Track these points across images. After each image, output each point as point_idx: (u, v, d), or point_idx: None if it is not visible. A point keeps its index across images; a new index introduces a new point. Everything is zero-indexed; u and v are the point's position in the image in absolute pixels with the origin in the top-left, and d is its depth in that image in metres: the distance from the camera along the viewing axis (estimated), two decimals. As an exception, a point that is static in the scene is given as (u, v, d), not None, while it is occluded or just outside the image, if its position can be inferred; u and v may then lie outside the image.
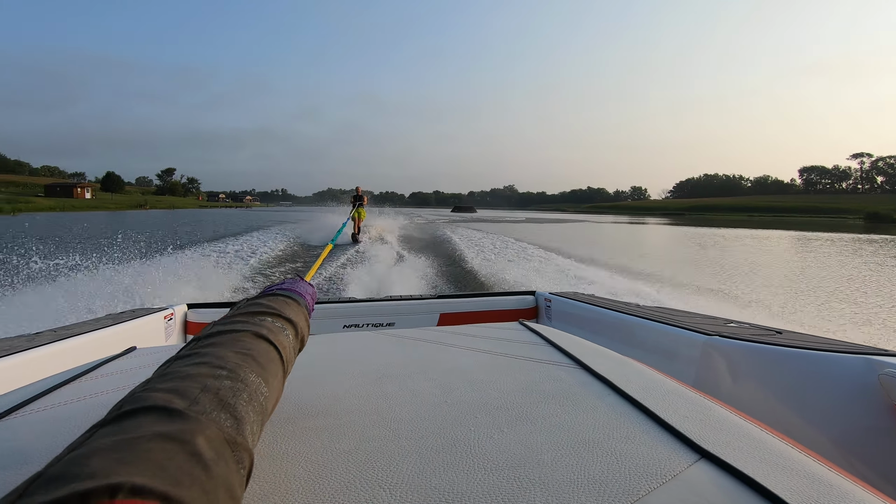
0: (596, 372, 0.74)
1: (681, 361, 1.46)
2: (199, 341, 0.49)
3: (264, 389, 0.45)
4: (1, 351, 1.23)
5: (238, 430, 0.36)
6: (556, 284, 7.51)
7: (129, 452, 0.27)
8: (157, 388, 0.36)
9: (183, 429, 0.31)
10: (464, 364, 0.82)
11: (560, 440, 0.52)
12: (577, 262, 10.96)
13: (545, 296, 2.54)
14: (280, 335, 0.56)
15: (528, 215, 78.33)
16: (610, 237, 25.30)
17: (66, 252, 7.01)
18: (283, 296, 0.67)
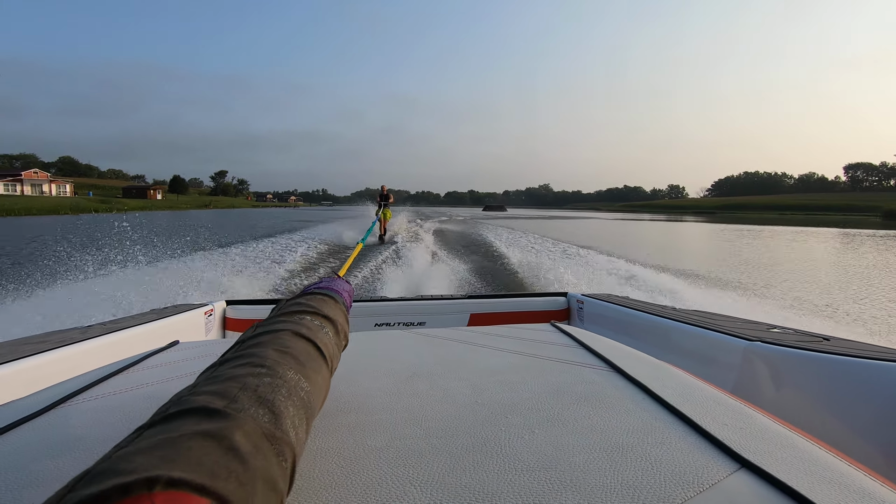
0: (630, 375, 0.73)
1: (719, 367, 1.41)
2: (242, 344, 0.50)
3: (305, 385, 0.46)
4: (57, 342, 1.35)
5: (277, 425, 0.37)
6: (582, 283, 7.41)
7: (169, 449, 0.29)
8: (201, 391, 0.38)
9: (221, 426, 0.33)
10: (495, 364, 0.82)
11: (592, 443, 0.51)
12: (580, 249, 11.50)
13: (577, 297, 2.49)
14: (319, 332, 0.57)
15: (555, 213, 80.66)
16: (619, 233, 26.59)
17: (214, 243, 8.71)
18: (321, 294, 0.69)
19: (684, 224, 41.35)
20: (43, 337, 1.48)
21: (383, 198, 14.17)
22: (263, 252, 10.72)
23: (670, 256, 12.95)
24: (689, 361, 1.54)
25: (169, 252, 8.21)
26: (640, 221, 46.63)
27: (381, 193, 14.34)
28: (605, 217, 63.13)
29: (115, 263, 6.52)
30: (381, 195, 14.30)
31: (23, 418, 0.58)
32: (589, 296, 2.43)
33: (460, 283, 7.43)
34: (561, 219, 49.72)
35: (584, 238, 18.80)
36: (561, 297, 2.59)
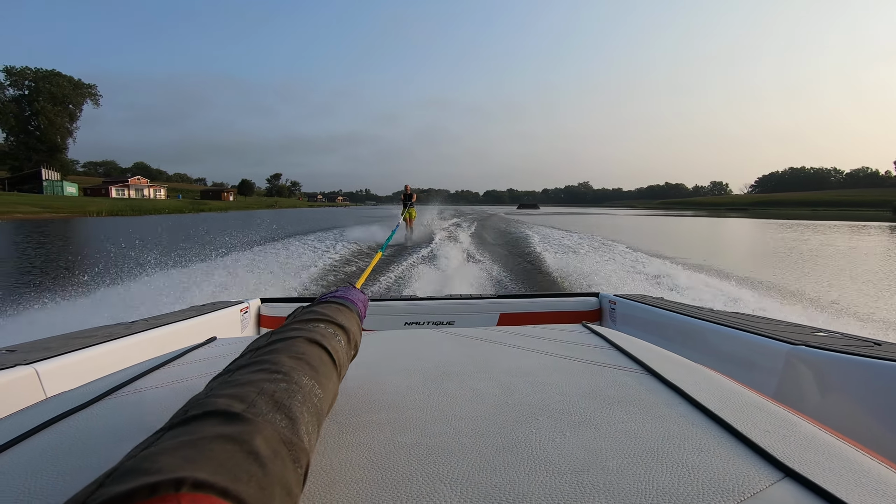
0: (665, 378, 0.71)
1: (760, 372, 1.35)
2: (258, 350, 0.51)
3: (318, 391, 0.46)
4: (104, 336, 1.43)
5: (293, 431, 0.38)
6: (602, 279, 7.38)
7: (193, 451, 0.30)
8: (220, 394, 0.39)
9: (242, 430, 0.34)
10: (525, 365, 0.81)
11: (626, 447, 0.50)
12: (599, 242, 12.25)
13: (609, 297, 2.45)
14: (332, 340, 0.58)
15: (583, 210, 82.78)
16: (624, 226, 28.43)
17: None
18: (336, 303, 0.70)
19: (706, 220, 43.57)
20: (92, 331, 1.62)
21: (407, 197, 14.01)
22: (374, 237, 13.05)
23: (661, 247, 13.78)
24: (726, 365, 1.48)
25: (296, 238, 10.64)
26: (664, 217, 49.70)
27: (405, 193, 14.22)
28: (627, 213, 66.16)
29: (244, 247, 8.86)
30: (405, 195, 14.16)
31: (71, 409, 0.60)
32: (621, 296, 2.39)
33: (492, 280, 7.41)
34: (583, 215, 54.25)
35: (580, 227, 23.45)
36: (592, 297, 2.56)
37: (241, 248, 9.56)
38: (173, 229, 20.16)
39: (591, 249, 11.43)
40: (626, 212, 78.78)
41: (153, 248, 9.04)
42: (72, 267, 8.90)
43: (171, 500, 0.25)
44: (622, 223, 34.13)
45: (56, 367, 1.15)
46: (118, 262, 7.21)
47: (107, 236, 17.33)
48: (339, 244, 11.76)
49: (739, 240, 18.73)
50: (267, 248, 10.22)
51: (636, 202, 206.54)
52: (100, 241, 15.11)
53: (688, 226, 32.35)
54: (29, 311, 4.94)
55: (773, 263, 11.20)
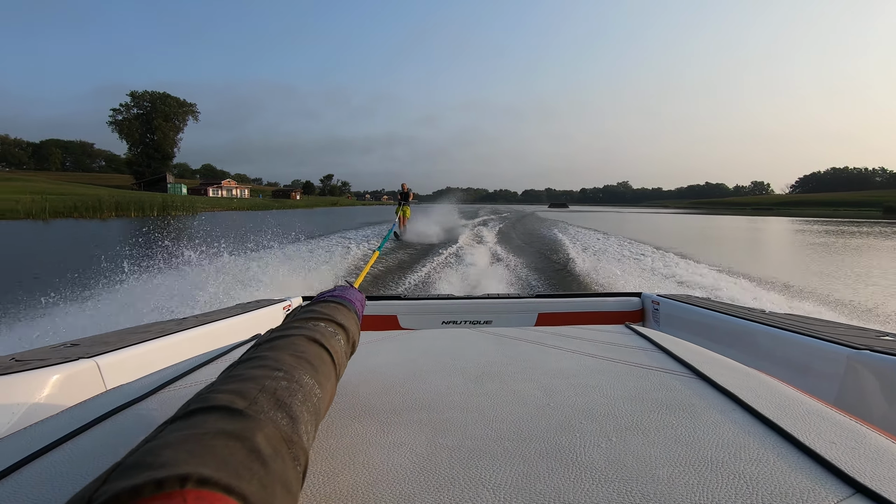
0: (716, 383, 0.68)
1: (817, 378, 1.28)
2: (259, 346, 0.52)
3: (317, 391, 0.47)
4: (158, 332, 1.49)
5: (294, 429, 0.38)
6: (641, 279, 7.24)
7: (196, 446, 0.30)
8: (222, 389, 0.39)
9: (244, 427, 0.34)
10: (567, 367, 0.79)
11: (677, 455, 0.48)
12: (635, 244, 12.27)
13: (652, 298, 2.37)
14: (332, 339, 0.58)
15: (614, 209, 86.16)
16: (629, 221, 30.48)
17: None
18: (335, 302, 0.70)
19: (723, 218, 45.66)
20: (147, 327, 1.70)
21: (403, 196, 14.06)
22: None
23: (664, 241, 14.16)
24: (780, 370, 1.38)
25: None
26: (686, 216, 52.21)
27: (402, 192, 14.20)
28: (654, 212, 69.18)
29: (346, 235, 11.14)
30: (401, 193, 14.17)
31: (129, 401, 0.63)
32: (665, 296, 2.32)
33: (524, 281, 7.22)
34: (608, 213, 59.08)
35: (598, 224, 24.94)
36: (635, 297, 2.50)
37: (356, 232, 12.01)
38: (304, 219, 23.58)
39: (595, 243, 12.27)
40: (656, 211, 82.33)
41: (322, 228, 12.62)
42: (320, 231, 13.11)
43: (176, 496, 0.25)
44: (642, 219, 37.05)
45: (115, 361, 1.22)
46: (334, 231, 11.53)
47: (279, 222, 23.30)
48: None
49: (758, 241, 18.94)
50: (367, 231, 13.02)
51: (669, 202, 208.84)
52: (293, 223, 18.25)
53: (690, 224, 34.17)
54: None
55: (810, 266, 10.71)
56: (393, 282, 7.10)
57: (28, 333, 3.94)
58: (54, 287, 5.09)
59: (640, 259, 9.41)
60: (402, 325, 2.39)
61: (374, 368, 0.81)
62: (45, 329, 4.00)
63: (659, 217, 48.46)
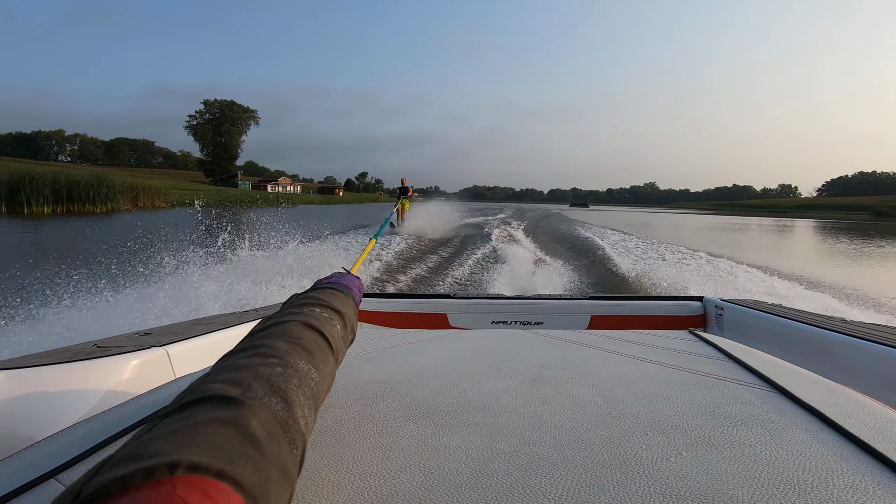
0: (798, 398, 0.62)
1: None
2: (254, 335, 0.52)
3: (314, 375, 0.47)
4: (221, 324, 1.54)
5: (289, 413, 0.38)
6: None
7: (188, 435, 0.30)
8: (215, 379, 0.39)
9: (237, 413, 0.34)
10: (627, 373, 0.75)
11: (758, 476, 0.44)
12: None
13: (716, 302, 2.24)
14: (328, 325, 0.58)
15: (633, 210, 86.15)
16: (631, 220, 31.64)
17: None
18: (331, 289, 0.71)
19: (727, 219, 47.49)
20: (211, 319, 1.77)
21: (403, 191, 14.64)
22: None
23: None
24: (866, 387, 1.15)
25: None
26: (694, 216, 54.25)
27: (401, 186, 14.81)
28: (670, 212, 70.43)
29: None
30: (401, 188, 14.78)
31: None
32: (730, 301, 2.19)
33: (574, 282, 6.87)
34: (626, 213, 60.65)
35: (596, 219, 28.44)
36: (696, 301, 2.37)
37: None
38: (354, 213, 28.35)
39: (593, 237, 12.91)
40: (673, 211, 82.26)
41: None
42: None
43: (166, 483, 0.25)
44: (654, 219, 38.55)
45: (183, 350, 1.28)
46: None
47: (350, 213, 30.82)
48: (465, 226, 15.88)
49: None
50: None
51: (692, 203, 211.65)
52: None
53: (688, 223, 36.35)
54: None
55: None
56: (437, 279, 7.23)
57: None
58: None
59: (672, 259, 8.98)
60: (451, 324, 2.39)
61: (426, 367, 0.79)
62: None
63: (672, 217, 50.33)
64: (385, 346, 0.95)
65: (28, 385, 0.99)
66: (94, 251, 6.98)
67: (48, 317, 3.67)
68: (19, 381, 0.99)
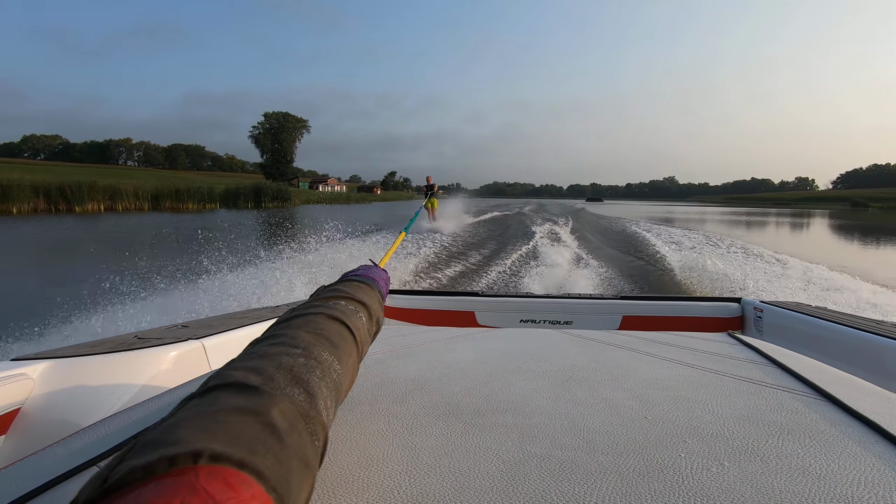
0: (849, 407, 0.58)
1: None
2: (278, 325, 0.52)
3: (337, 367, 0.47)
4: (254, 318, 1.55)
5: (311, 405, 0.38)
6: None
7: (210, 423, 0.31)
8: (238, 366, 0.40)
9: (259, 402, 0.34)
10: (663, 376, 0.72)
11: (808, 490, 0.41)
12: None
13: (755, 304, 2.16)
14: (353, 317, 0.58)
15: (642, 203, 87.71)
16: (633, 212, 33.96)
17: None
18: (357, 281, 0.70)
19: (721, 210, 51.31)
20: (245, 313, 1.80)
21: (429, 188, 14.76)
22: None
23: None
24: None
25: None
26: (701, 208, 57.45)
27: (427, 185, 14.98)
28: (678, 205, 73.64)
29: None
30: (427, 186, 14.93)
31: None
32: (770, 303, 2.10)
33: (606, 281, 6.76)
34: (637, 206, 64.39)
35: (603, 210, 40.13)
36: (734, 303, 2.29)
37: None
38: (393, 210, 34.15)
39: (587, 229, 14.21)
40: (687, 205, 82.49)
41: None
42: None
43: (189, 472, 0.26)
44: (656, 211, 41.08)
45: (218, 343, 1.31)
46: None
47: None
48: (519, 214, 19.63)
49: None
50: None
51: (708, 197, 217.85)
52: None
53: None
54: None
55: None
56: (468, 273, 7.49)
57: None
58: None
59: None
60: (479, 322, 2.38)
61: (455, 366, 0.78)
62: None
63: (680, 210, 51.87)
64: (414, 343, 0.95)
65: (73, 374, 1.01)
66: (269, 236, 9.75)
67: (213, 287, 4.71)
68: (65, 370, 1.02)
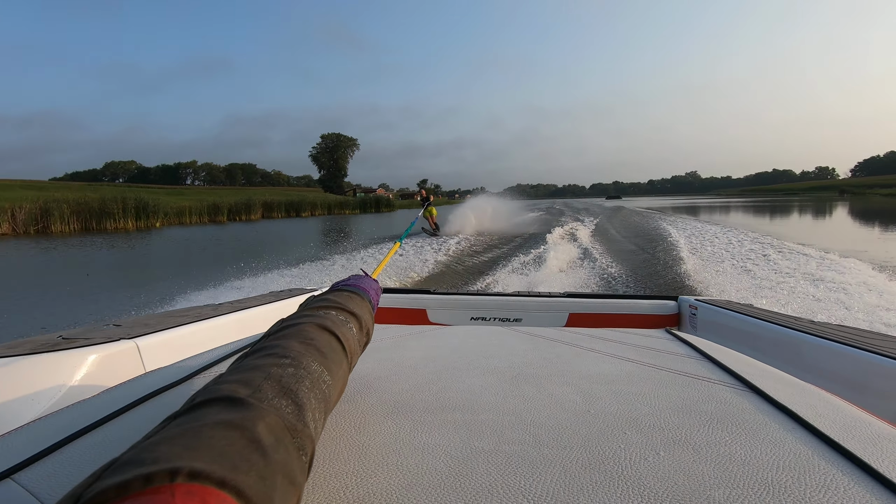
0: (772, 397, 0.62)
1: (876, 397, 1.18)
2: (268, 336, 0.51)
3: (327, 378, 0.46)
4: (195, 316, 1.52)
5: (299, 417, 0.37)
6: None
7: (193, 439, 0.29)
8: (227, 379, 0.38)
9: (244, 416, 0.33)
10: (605, 371, 0.75)
11: (734, 476, 0.44)
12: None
13: (690, 302, 2.24)
14: (343, 327, 0.57)
15: (661, 199, 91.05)
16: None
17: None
18: (348, 291, 0.70)
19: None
20: (185, 311, 1.75)
21: (424, 199, 15.23)
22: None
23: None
24: (832, 387, 1.13)
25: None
26: (716, 202, 59.12)
27: (422, 196, 15.76)
28: (685, 201, 79.90)
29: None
30: (423, 198, 15.55)
31: (165, 386, 0.64)
32: (704, 301, 2.19)
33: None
34: (657, 202, 67.21)
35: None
36: (671, 300, 2.37)
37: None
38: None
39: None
40: (704, 199, 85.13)
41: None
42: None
43: (164, 490, 0.24)
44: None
45: (154, 343, 1.24)
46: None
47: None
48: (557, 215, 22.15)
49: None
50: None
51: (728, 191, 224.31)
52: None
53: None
54: None
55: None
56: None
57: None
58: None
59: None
60: (431, 320, 2.41)
61: (405, 363, 0.79)
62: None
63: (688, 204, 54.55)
64: None
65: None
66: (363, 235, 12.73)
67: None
68: None
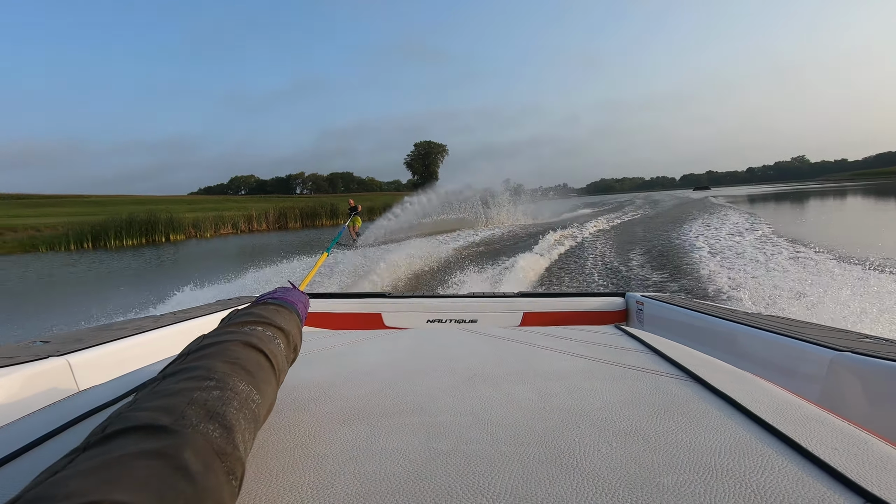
0: (712, 386, 0.66)
1: (801, 380, 1.24)
2: (187, 356, 0.48)
3: (255, 397, 0.45)
4: (133, 329, 1.45)
5: (228, 440, 0.36)
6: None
7: (111, 471, 0.27)
8: (143, 406, 0.36)
9: (168, 444, 0.31)
10: (559, 368, 0.78)
11: (680, 462, 0.47)
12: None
13: (637, 298, 2.33)
14: (270, 344, 0.55)
15: (773, 188, 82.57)
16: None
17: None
18: (275, 304, 0.67)
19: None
20: (122, 324, 1.65)
21: (353, 209, 15.99)
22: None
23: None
24: (764, 372, 1.19)
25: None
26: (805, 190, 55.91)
27: (350, 206, 16.44)
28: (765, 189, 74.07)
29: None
30: (351, 208, 16.30)
31: (101, 405, 0.61)
32: (649, 296, 2.27)
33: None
34: (749, 191, 64.09)
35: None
36: (619, 297, 2.45)
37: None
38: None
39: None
40: (799, 186, 78.80)
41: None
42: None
43: None
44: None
45: (87, 359, 1.18)
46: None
47: None
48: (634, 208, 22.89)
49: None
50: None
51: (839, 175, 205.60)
52: None
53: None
54: None
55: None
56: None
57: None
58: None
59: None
60: (386, 324, 2.38)
61: (361, 369, 0.79)
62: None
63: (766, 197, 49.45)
64: (317, 349, 0.94)
65: None
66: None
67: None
68: None
